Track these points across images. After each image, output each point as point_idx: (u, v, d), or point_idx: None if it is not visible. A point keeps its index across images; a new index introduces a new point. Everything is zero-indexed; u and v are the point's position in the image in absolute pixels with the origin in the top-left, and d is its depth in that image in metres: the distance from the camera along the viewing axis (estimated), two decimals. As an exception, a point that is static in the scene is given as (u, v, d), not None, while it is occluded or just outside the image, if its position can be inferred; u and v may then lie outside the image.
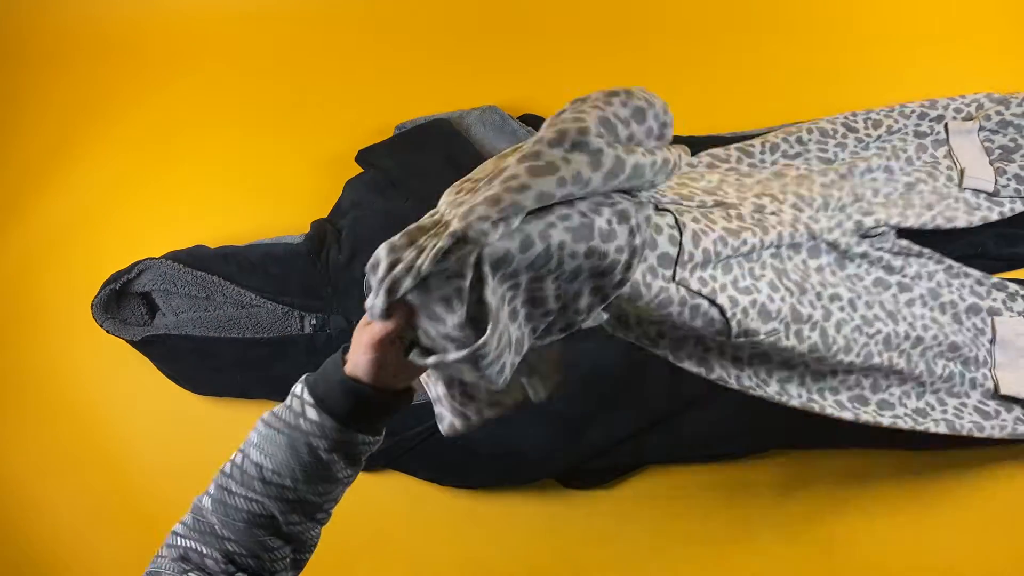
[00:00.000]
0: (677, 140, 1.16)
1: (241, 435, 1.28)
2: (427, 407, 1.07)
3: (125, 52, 1.38)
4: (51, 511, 1.17)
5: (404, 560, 1.12)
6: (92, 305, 1.07)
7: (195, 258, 1.09)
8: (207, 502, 0.61)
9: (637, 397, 1.03)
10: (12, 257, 1.29)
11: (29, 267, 1.28)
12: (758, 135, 1.17)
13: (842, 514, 1.06)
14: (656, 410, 1.03)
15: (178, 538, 0.60)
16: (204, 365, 1.08)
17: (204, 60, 1.37)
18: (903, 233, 1.03)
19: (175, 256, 1.09)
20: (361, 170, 1.19)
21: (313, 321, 1.09)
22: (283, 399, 1.13)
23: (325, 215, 1.18)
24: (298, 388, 0.64)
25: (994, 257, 1.11)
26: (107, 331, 1.07)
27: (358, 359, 0.60)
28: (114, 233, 1.29)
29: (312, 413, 0.62)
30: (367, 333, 0.60)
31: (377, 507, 1.13)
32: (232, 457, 0.64)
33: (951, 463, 1.06)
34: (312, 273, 1.09)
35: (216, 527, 0.60)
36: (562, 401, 1.03)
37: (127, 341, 1.07)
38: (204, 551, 0.59)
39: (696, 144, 1.16)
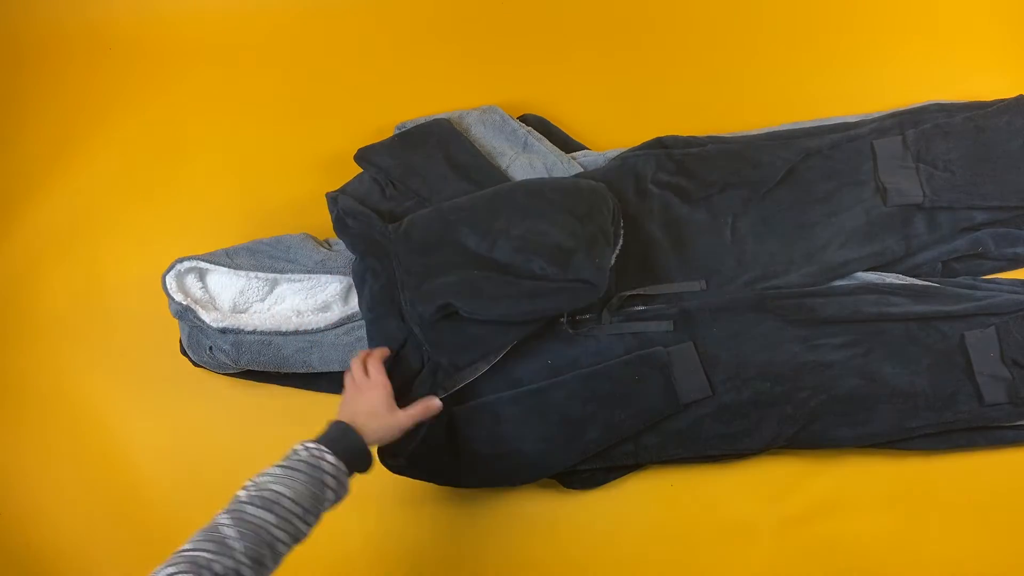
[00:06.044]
0: (678, 140, 1.16)
1: (239, 437, 1.28)
2: (427, 407, 1.07)
3: (125, 52, 1.38)
4: (51, 512, 1.18)
5: (404, 560, 1.12)
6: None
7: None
8: (224, 519, 0.71)
9: (637, 397, 1.03)
10: (12, 257, 1.29)
11: (29, 267, 1.28)
12: (757, 135, 1.17)
13: (842, 514, 1.06)
14: (656, 410, 1.03)
15: (183, 554, 0.66)
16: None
17: (204, 61, 1.37)
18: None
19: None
20: (361, 170, 1.19)
21: None
22: (301, 388, 1.18)
23: (325, 215, 1.17)
24: (304, 447, 0.82)
25: (994, 257, 1.11)
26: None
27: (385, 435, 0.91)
28: (114, 233, 1.29)
29: (331, 458, 0.81)
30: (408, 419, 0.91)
31: (377, 507, 1.13)
32: (246, 486, 0.76)
33: (951, 463, 1.06)
34: None
35: (229, 540, 0.69)
36: (562, 401, 1.03)
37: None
38: (212, 557, 0.66)
39: (696, 144, 1.16)
